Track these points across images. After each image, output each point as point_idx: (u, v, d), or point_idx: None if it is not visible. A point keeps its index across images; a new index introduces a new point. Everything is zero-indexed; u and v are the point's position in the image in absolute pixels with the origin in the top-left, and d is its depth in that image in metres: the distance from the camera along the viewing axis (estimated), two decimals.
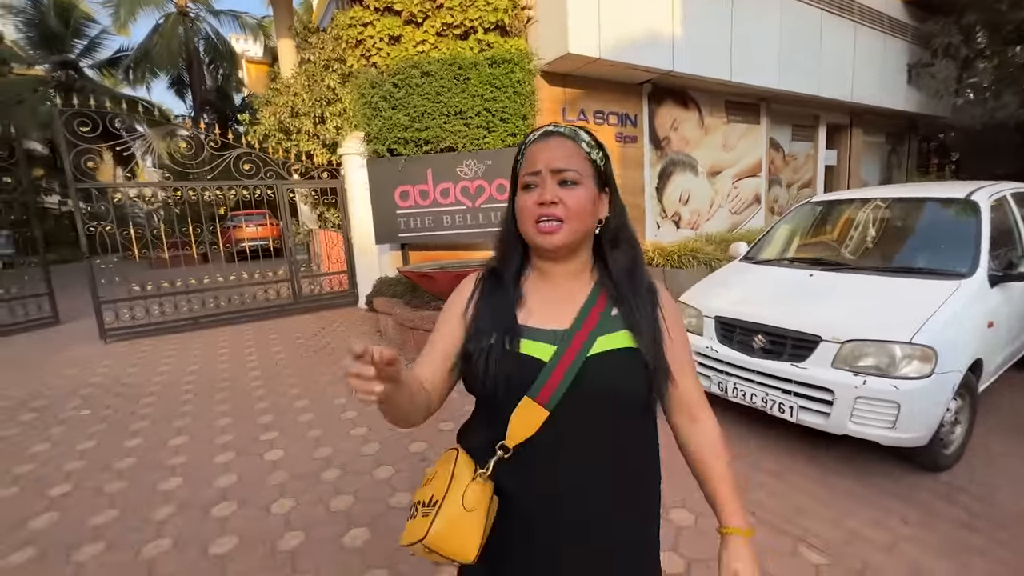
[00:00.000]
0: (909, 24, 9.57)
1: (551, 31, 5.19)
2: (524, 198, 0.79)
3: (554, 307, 0.83)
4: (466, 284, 0.91)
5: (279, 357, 4.75)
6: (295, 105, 7.49)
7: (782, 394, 2.50)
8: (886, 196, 3.29)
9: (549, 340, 0.79)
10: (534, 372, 0.77)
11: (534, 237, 0.79)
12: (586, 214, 0.79)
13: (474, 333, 0.82)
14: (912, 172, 12.34)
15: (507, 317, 0.82)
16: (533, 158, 0.79)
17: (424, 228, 5.46)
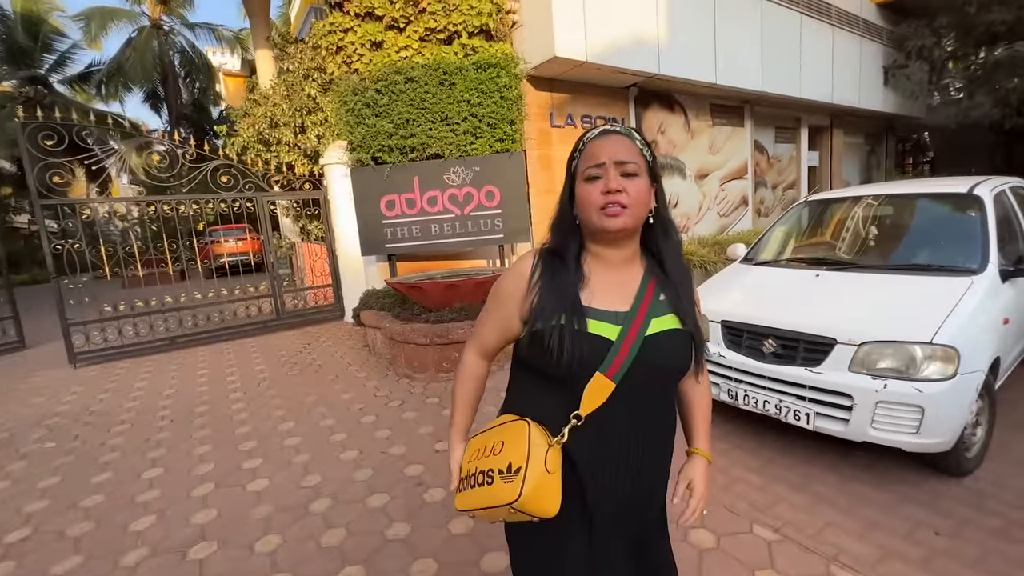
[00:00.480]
0: (883, 27, 9.77)
1: (536, 35, 5.11)
2: (588, 188, 0.87)
3: (614, 289, 0.92)
4: (521, 266, 0.95)
5: (262, 377, 4.51)
6: (274, 115, 7.30)
7: (797, 400, 2.39)
8: (886, 193, 3.23)
9: (612, 320, 0.88)
10: (602, 350, 0.86)
11: (600, 221, 0.86)
12: (644, 203, 0.88)
13: (541, 312, 0.88)
14: (891, 172, 12.57)
15: (574, 298, 0.88)
16: (595, 152, 0.87)
17: (412, 238, 5.29)
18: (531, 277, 0.92)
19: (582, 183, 0.89)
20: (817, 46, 8.22)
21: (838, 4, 8.54)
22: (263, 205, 6.16)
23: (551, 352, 0.85)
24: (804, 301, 2.58)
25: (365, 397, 3.81)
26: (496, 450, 0.90)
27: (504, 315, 0.97)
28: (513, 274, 0.96)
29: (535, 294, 0.90)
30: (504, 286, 0.97)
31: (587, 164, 0.88)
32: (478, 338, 1.04)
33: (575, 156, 0.92)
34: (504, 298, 0.96)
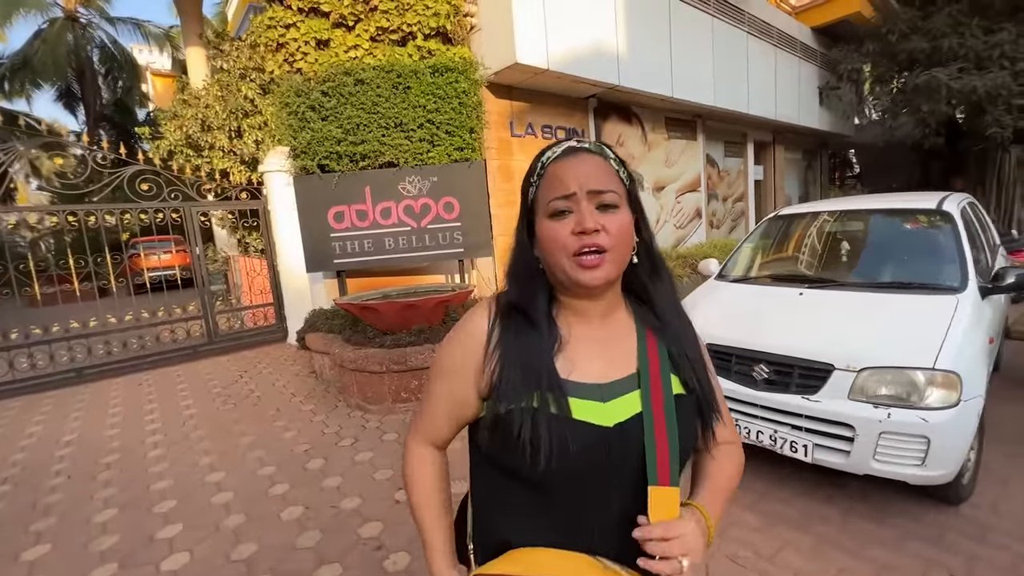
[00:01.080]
0: (818, 50, 10.36)
1: (496, 40, 4.88)
2: (555, 228, 0.67)
3: (598, 351, 0.72)
4: (473, 325, 0.74)
5: (188, 414, 3.92)
6: (206, 118, 6.63)
7: (792, 431, 2.22)
8: (856, 208, 3.21)
9: (596, 397, 0.68)
10: (592, 442, 0.66)
11: (574, 273, 0.67)
12: (628, 242, 0.70)
13: (506, 389, 0.67)
14: (826, 186, 13.36)
15: (549, 369, 0.67)
16: (560, 179, 0.68)
17: (363, 252, 4.86)
18: (488, 340, 0.71)
19: (545, 220, 0.68)
20: (762, 65, 8.54)
21: (779, 26, 8.95)
22: (192, 216, 5.51)
23: (522, 447, 0.64)
24: (793, 322, 2.45)
25: (311, 435, 3.36)
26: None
27: (455, 393, 0.74)
28: (463, 337, 0.74)
29: (495, 364, 0.69)
30: (452, 354, 0.74)
31: (552, 194, 0.67)
32: (424, 425, 0.79)
33: (532, 182, 0.72)
34: (453, 370, 0.74)
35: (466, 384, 0.72)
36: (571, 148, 0.70)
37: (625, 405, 0.68)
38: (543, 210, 0.69)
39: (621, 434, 0.66)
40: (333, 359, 3.98)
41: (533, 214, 0.72)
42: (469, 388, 0.72)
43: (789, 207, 3.59)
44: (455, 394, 0.74)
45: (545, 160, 0.71)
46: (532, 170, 0.72)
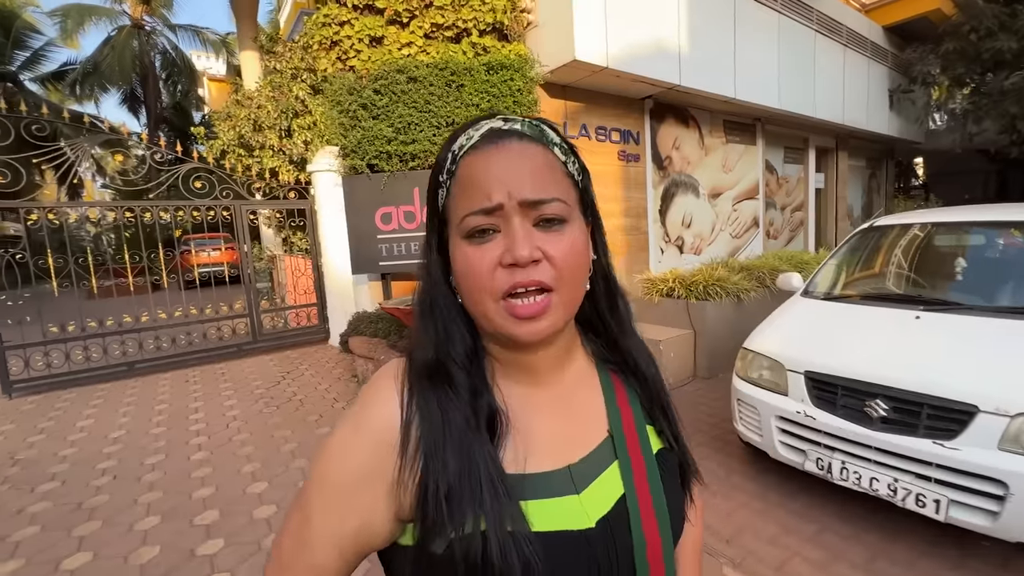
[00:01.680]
0: (889, 51, 9.66)
1: (554, 37, 4.66)
2: (473, 256, 0.46)
3: (555, 425, 0.52)
4: (372, 414, 0.48)
5: (231, 415, 3.85)
6: (258, 118, 6.70)
7: (919, 481, 1.87)
8: (973, 220, 2.79)
9: (565, 489, 0.48)
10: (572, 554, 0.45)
11: (504, 326, 0.46)
12: (583, 270, 0.50)
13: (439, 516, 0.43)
14: (890, 196, 12.48)
15: (496, 470, 0.45)
16: (479, 182, 0.46)
17: (410, 255, 4.71)
18: (405, 433, 0.46)
19: (460, 240, 0.48)
20: (830, 66, 7.99)
21: (849, 24, 8.37)
22: (241, 214, 5.53)
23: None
24: (917, 351, 2.09)
25: None
26: None
27: (352, 521, 0.47)
28: (365, 434, 0.48)
29: (417, 474, 0.45)
30: (343, 458, 0.47)
31: (467, 205, 0.46)
32: (298, 565, 0.48)
33: (442, 182, 0.50)
34: (347, 484, 0.47)
35: (372, 506, 0.46)
36: (494, 132, 0.48)
37: (605, 489, 0.51)
38: (456, 226, 0.48)
39: (605, 533, 0.48)
40: (379, 365, 3.83)
41: (445, 227, 0.50)
42: (377, 511, 0.47)
43: (887, 217, 3.19)
44: (353, 522, 0.47)
45: (457, 150, 0.49)
46: (440, 165, 0.50)
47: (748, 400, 2.46)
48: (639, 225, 6.19)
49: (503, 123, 0.49)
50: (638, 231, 6.17)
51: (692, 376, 4.28)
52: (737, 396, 2.54)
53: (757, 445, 2.45)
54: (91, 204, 4.89)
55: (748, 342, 2.62)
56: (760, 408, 2.38)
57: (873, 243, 3.10)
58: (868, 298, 2.70)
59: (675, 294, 4.45)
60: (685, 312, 4.35)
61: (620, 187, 5.91)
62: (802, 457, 2.21)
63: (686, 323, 4.36)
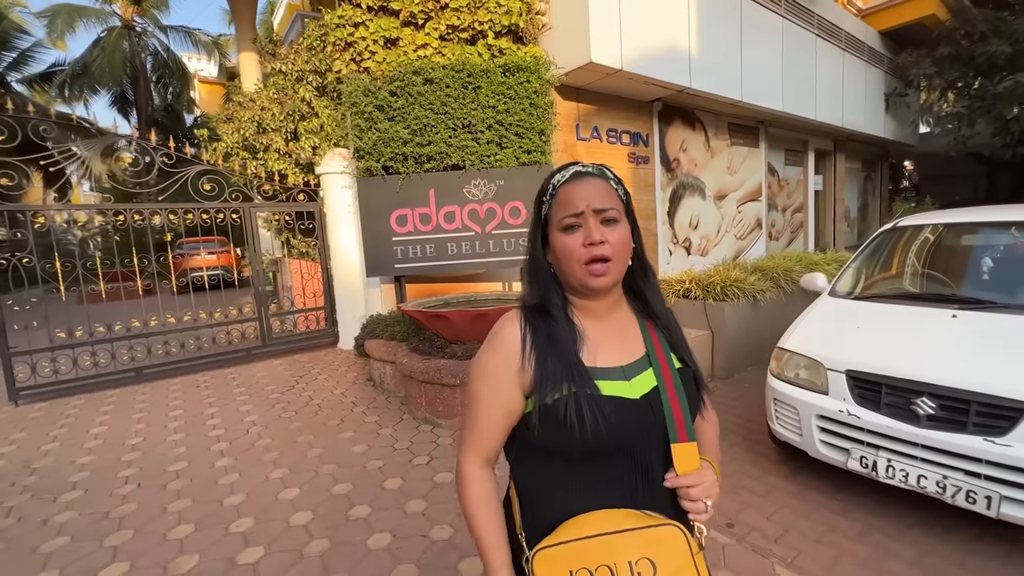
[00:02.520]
0: (885, 55, 9.83)
1: (569, 39, 4.67)
2: (568, 241, 0.80)
3: (611, 343, 0.85)
4: (507, 334, 0.84)
5: (250, 420, 3.79)
6: (262, 120, 6.63)
7: (969, 478, 1.89)
8: (996, 220, 2.83)
9: (619, 377, 0.82)
10: (627, 413, 0.79)
11: (585, 279, 0.80)
12: (628, 251, 0.83)
13: (548, 381, 0.78)
14: (885, 198, 12.68)
15: (576, 360, 0.80)
16: (571, 199, 0.80)
17: (425, 258, 4.69)
18: (523, 343, 0.81)
19: (559, 233, 0.82)
20: (830, 69, 8.11)
21: (847, 28, 8.50)
22: (251, 216, 5.46)
23: (570, 427, 0.75)
24: (962, 349, 2.11)
25: (382, 450, 3.16)
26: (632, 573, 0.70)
27: (502, 396, 0.82)
28: (499, 345, 0.83)
29: (533, 363, 0.80)
30: (492, 362, 0.83)
31: (563, 212, 0.81)
32: (477, 439, 0.84)
33: (545, 200, 0.85)
34: (496, 376, 0.82)
35: (511, 385, 0.81)
36: (578, 172, 0.83)
37: (644, 380, 0.82)
38: (556, 225, 0.82)
39: (647, 403, 0.80)
40: (399, 369, 3.80)
41: (546, 227, 0.85)
42: (514, 388, 0.81)
43: (910, 218, 3.23)
44: (504, 396, 0.81)
45: (556, 183, 0.83)
46: (544, 191, 0.85)
47: (786, 400, 2.47)
48: (648, 227, 6.22)
49: (582, 167, 0.84)
50: (648, 232, 6.20)
51: (711, 377, 4.30)
52: (774, 396, 2.55)
53: (796, 444, 2.46)
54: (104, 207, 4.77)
55: (783, 342, 2.64)
56: (800, 408, 2.39)
57: (897, 243, 3.14)
58: (898, 297, 2.73)
59: (692, 295, 4.47)
60: (702, 313, 4.37)
61: (631, 189, 5.89)
62: (845, 456, 2.23)
63: (703, 324, 4.38)
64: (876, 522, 2.20)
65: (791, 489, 2.50)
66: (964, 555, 1.97)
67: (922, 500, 2.23)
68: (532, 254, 0.87)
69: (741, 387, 4.05)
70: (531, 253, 0.88)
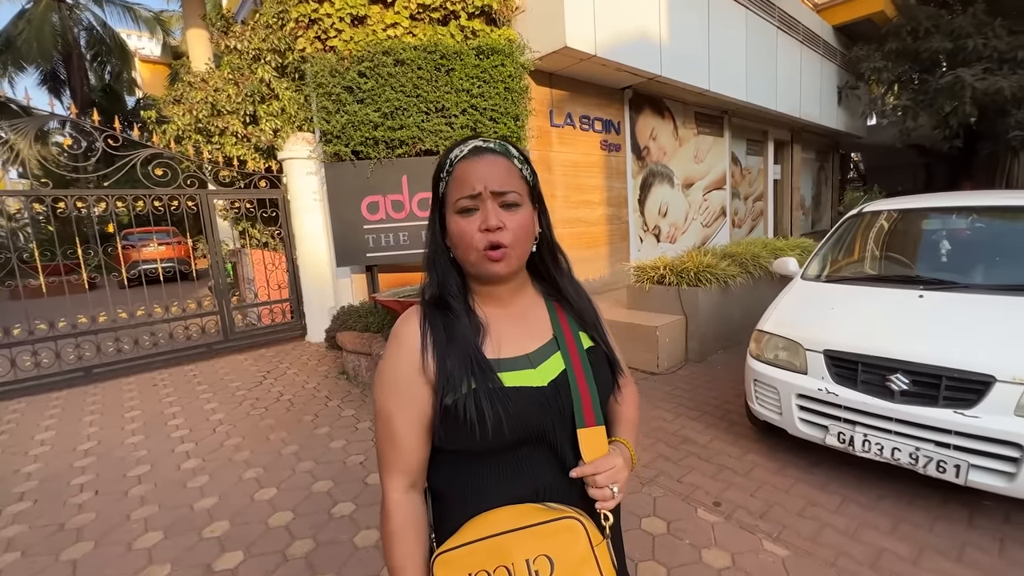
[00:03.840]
0: (838, 49, 10.24)
1: (544, 23, 4.59)
2: (463, 224, 0.75)
3: (516, 329, 0.81)
4: (404, 331, 0.79)
5: (216, 418, 3.59)
6: (217, 102, 6.23)
7: (940, 449, 2.00)
8: (957, 206, 3.00)
9: (526, 365, 0.78)
10: (536, 400, 0.75)
11: (481, 265, 0.76)
12: (529, 236, 0.78)
13: (447, 381, 0.73)
14: (837, 187, 13.31)
15: (476, 354, 0.75)
16: (466, 178, 0.74)
17: (399, 246, 4.55)
18: (423, 342, 0.77)
19: (454, 216, 0.75)
20: (789, 62, 8.38)
21: (805, 22, 8.79)
22: (208, 204, 5.15)
23: (470, 425, 0.71)
24: (930, 328, 2.22)
25: (361, 444, 3.06)
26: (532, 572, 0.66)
27: (413, 403, 0.75)
28: (398, 348, 0.78)
29: (432, 361, 0.75)
30: (394, 368, 0.77)
31: (459, 193, 0.74)
32: (396, 455, 0.76)
33: (442, 177, 0.78)
34: (400, 383, 0.76)
35: (419, 388, 0.75)
36: (477, 148, 0.75)
37: (552, 366, 0.78)
38: (452, 206, 0.75)
39: (555, 389, 0.76)
40: (374, 361, 3.68)
41: (443, 208, 0.78)
42: (423, 391, 0.75)
43: (875, 203, 3.37)
44: (414, 402, 0.75)
45: (453, 158, 0.76)
46: (441, 166, 0.77)
47: (766, 380, 2.54)
48: (620, 214, 6.28)
49: (483, 143, 0.76)
50: (619, 220, 6.26)
51: (685, 360, 4.40)
52: (754, 377, 2.62)
53: (775, 423, 2.54)
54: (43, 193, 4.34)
55: (762, 324, 2.71)
56: (780, 387, 2.46)
57: (864, 228, 3.27)
58: (868, 280, 2.85)
59: (666, 281, 4.54)
60: (676, 299, 4.45)
61: (603, 177, 5.96)
62: (823, 432, 2.31)
63: (677, 309, 4.47)
64: (851, 494, 2.30)
65: (771, 466, 2.59)
66: (932, 521, 2.08)
67: (891, 471, 2.35)
68: (430, 236, 0.81)
69: (715, 369, 4.16)
70: (429, 237, 0.81)
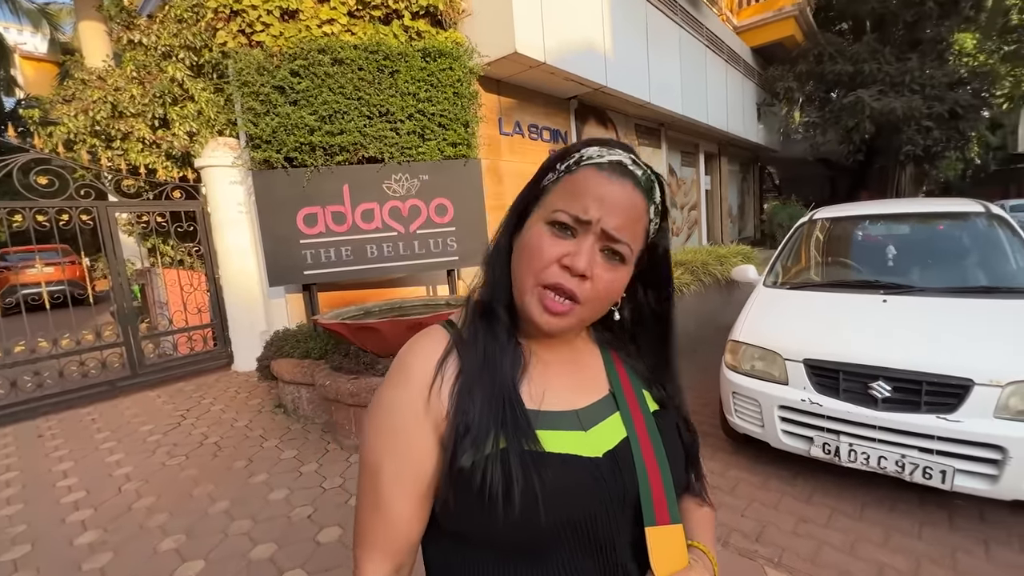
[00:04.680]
0: (756, 69, 11.02)
1: (492, 27, 4.43)
2: (545, 238, 0.55)
3: (565, 376, 0.62)
4: (414, 356, 0.58)
5: (122, 473, 3.00)
6: (118, 102, 5.47)
7: (924, 455, 1.99)
8: (900, 212, 3.15)
9: (572, 426, 0.57)
10: (583, 475, 0.54)
11: (531, 307, 0.55)
12: (611, 301, 0.59)
13: (466, 435, 0.52)
14: (758, 197, 14.30)
15: (513, 398, 0.55)
16: (585, 192, 0.54)
17: (341, 262, 4.14)
18: (439, 368, 0.56)
19: (540, 223, 0.56)
20: (717, 78, 8.85)
21: (728, 42, 9.35)
22: (108, 218, 4.44)
23: (489, 498, 0.50)
24: (905, 333, 2.23)
25: (308, 492, 2.65)
26: None
27: (411, 453, 0.54)
28: (404, 374, 0.57)
29: (447, 400, 0.54)
30: (393, 402, 0.56)
31: (564, 203, 0.55)
32: (381, 531, 0.55)
33: (557, 168, 0.58)
34: (399, 423, 0.55)
35: (422, 432, 0.55)
36: (620, 164, 0.56)
37: (608, 431, 0.60)
38: (545, 210, 0.57)
39: (613, 463, 0.57)
40: (321, 392, 3.26)
41: (533, 204, 0.59)
42: (429, 438, 0.55)
43: (825, 210, 3.49)
44: (415, 449, 0.55)
45: (585, 157, 0.57)
46: (564, 155, 0.59)
47: (746, 393, 2.47)
48: None
49: (631, 162, 0.56)
50: None
51: None
52: (733, 389, 2.55)
53: (757, 436, 2.47)
54: None
55: (736, 335, 2.65)
56: (761, 400, 2.40)
57: (818, 234, 3.37)
58: (828, 285, 2.90)
59: None
60: None
61: None
62: (807, 444, 2.26)
63: None
64: (836, 504, 2.26)
65: (754, 480, 2.51)
66: (919, 528, 2.08)
67: (867, 477, 2.35)
68: (500, 229, 0.63)
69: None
70: (500, 228, 0.63)
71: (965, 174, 20.29)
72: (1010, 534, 1.99)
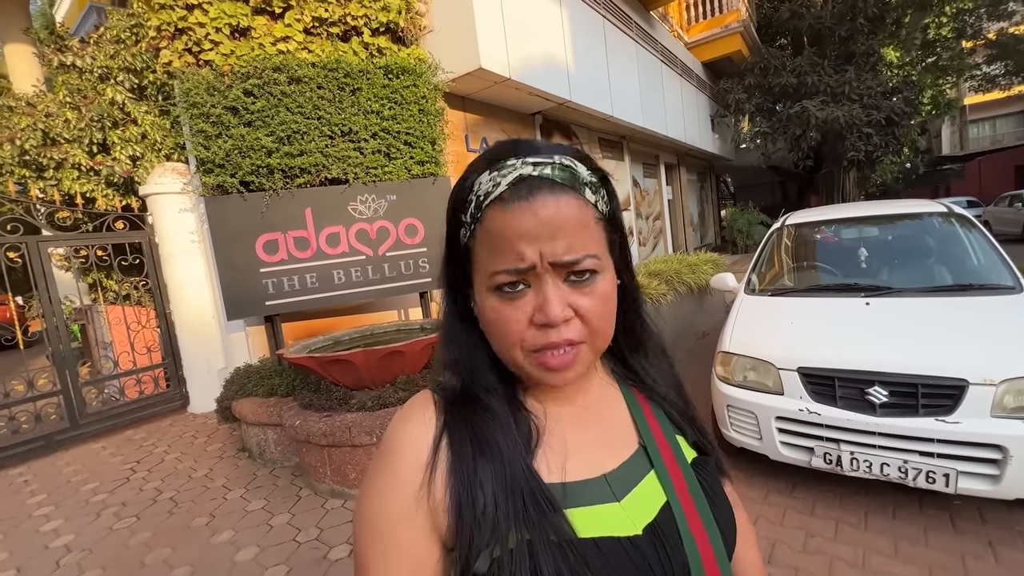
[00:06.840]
0: (707, 82, 11.46)
1: (455, 44, 4.35)
2: (502, 310, 0.46)
3: (585, 434, 0.52)
4: (401, 440, 0.48)
5: (61, 543, 2.64)
6: (50, 129, 5.05)
7: (925, 459, 1.97)
8: (869, 215, 3.22)
9: (604, 496, 0.48)
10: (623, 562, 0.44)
11: (536, 374, 0.47)
12: (612, 314, 0.49)
13: (478, 535, 0.43)
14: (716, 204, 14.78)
15: (532, 482, 0.45)
16: (507, 237, 0.44)
17: (306, 290, 3.89)
18: (433, 456, 0.46)
19: (487, 294, 0.46)
20: (672, 92, 9.11)
21: (680, 57, 9.68)
22: (40, 254, 4.03)
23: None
24: (894, 336, 2.23)
25: (281, 549, 2.39)
26: None
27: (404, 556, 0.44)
28: (394, 461, 0.47)
29: (448, 493, 0.45)
30: (381, 494, 0.46)
31: (495, 261, 0.45)
32: None
33: (465, 223, 0.47)
34: (387, 520, 0.45)
35: (417, 531, 0.45)
36: (521, 182, 0.44)
37: (645, 497, 0.50)
38: (484, 276, 0.47)
39: (654, 540, 0.46)
40: (290, 433, 3.00)
41: (468, 263, 0.49)
42: (427, 539, 0.45)
43: (796, 215, 3.55)
44: (407, 560, 0.45)
45: (482, 197, 0.46)
46: (460, 204, 0.48)
47: (741, 405, 2.41)
48: None
49: (533, 168, 0.45)
50: None
51: None
52: (727, 402, 2.49)
53: (755, 449, 2.41)
54: None
55: (725, 345, 2.60)
56: (758, 412, 2.34)
57: (788, 240, 3.41)
58: (809, 290, 2.91)
59: None
60: None
61: None
62: (808, 455, 2.21)
63: None
64: (839, 515, 2.22)
65: (754, 495, 2.44)
66: (924, 534, 2.04)
67: (865, 484, 2.32)
68: (445, 311, 0.55)
69: None
70: (444, 309, 0.55)
71: (898, 177, 21.75)
72: (1013, 534, 1.98)
